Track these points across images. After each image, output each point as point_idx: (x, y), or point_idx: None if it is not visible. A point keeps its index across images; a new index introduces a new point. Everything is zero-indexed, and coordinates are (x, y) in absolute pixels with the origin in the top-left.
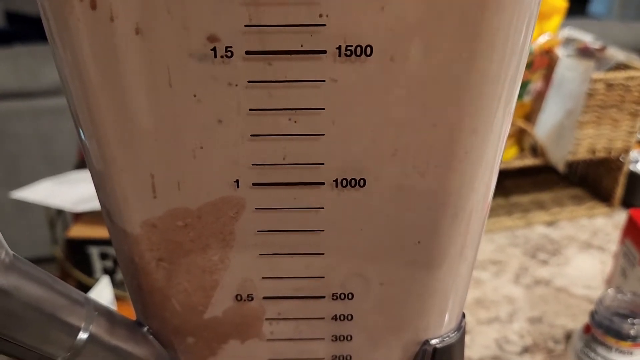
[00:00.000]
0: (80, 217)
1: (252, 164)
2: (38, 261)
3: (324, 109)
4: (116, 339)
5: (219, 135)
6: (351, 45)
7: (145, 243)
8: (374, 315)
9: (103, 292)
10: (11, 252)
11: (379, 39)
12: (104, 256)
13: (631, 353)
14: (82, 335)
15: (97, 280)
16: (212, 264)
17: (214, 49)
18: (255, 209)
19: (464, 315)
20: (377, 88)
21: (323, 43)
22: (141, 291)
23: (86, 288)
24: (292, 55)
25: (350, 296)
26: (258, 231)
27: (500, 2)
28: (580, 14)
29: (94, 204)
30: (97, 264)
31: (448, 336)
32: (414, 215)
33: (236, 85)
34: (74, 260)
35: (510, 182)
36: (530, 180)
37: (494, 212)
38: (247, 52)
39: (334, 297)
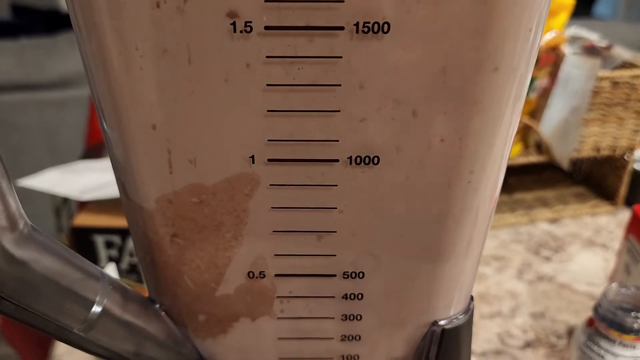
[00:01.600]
0: (85, 205)
1: (268, 140)
2: None
3: (340, 85)
4: (129, 314)
5: (235, 111)
6: (369, 22)
7: (160, 218)
8: (384, 295)
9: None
10: (30, 223)
11: (396, 16)
12: (109, 245)
13: (634, 346)
14: (96, 309)
15: (102, 268)
16: (226, 240)
17: (234, 24)
18: (270, 185)
19: (472, 298)
20: (393, 66)
21: (340, 19)
22: (154, 267)
23: None
24: (310, 31)
25: (361, 275)
26: (272, 208)
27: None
28: (586, 15)
29: (100, 193)
30: (103, 253)
31: (456, 318)
32: (424, 200)
33: (254, 60)
34: (79, 249)
35: (514, 179)
36: (534, 178)
37: (497, 208)
38: (266, 27)
39: (345, 276)
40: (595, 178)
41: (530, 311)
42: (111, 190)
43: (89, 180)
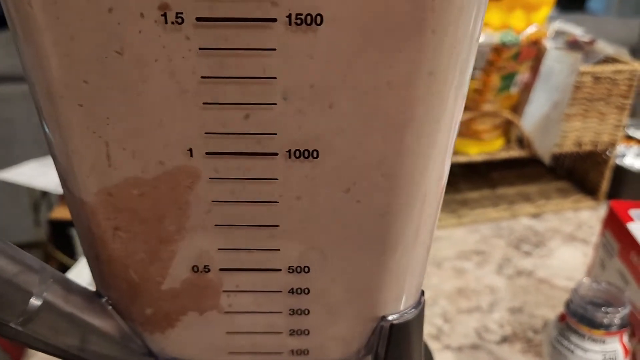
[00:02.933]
0: (64, 199)
1: (205, 133)
2: (20, 246)
3: (275, 77)
4: (72, 307)
5: (172, 103)
6: (301, 14)
7: (102, 212)
8: (331, 290)
9: (82, 272)
10: None
11: (329, 9)
12: None
13: (604, 341)
14: (35, 302)
15: (77, 261)
16: (169, 234)
17: (165, 15)
18: (210, 178)
19: (422, 293)
20: (327, 58)
21: (274, 11)
22: (99, 261)
23: (68, 269)
24: (243, 22)
25: (306, 269)
26: (213, 201)
27: None
28: (579, 10)
29: None
30: (79, 246)
31: (406, 312)
32: (366, 193)
33: (187, 52)
34: (57, 242)
35: (497, 173)
36: (517, 172)
37: (479, 203)
38: (198, 19)
39: (290, 270)
40: (577, 173)
41: (509, 306)
42: None
43: None
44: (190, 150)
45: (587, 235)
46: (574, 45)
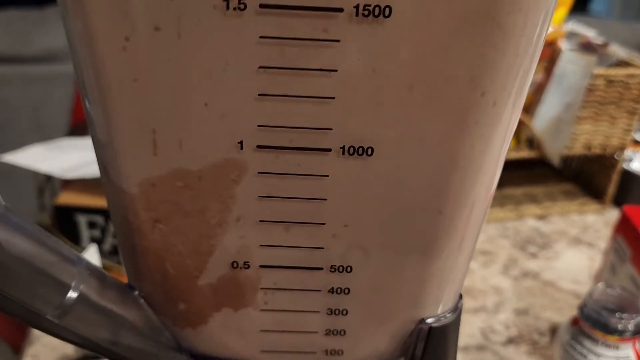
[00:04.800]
0: (69, 184)
1: (258, 125)
2: None
3: (336, 70)
4: (106, 301)
5: (226, 92)
6: (369, 5)
7: (143, 202)
8: (371, 291)
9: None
10: (3, 203)
11: (399, 1)
12: (92, 225)
13: (617, 347)
14: (72, 294)
15: (84, 249)
16: (210, 227)
17: (227, 1)
18: (258, 173)
19: (461, 297)
20: (390, 54)
21: (340, 0)
22: (134, 253)
23: None
24: (308, 11)
25: (348, 269)
26: (259, 196)
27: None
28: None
29: (84, 172)
30: (85, 233)
31: (444, 316)
32: (415, 196)
33: (247, 40)
34: (62, 228)
35: (504, 174)
36: (524, 173)
37: None
38: (261, 6)
39: (332, 269)
40: (584, 176)
41: (514, 307)
42: (96, 169)
43: (73, 158)
44: (241, 142)
45: (593, 238)
46: (587, 47)
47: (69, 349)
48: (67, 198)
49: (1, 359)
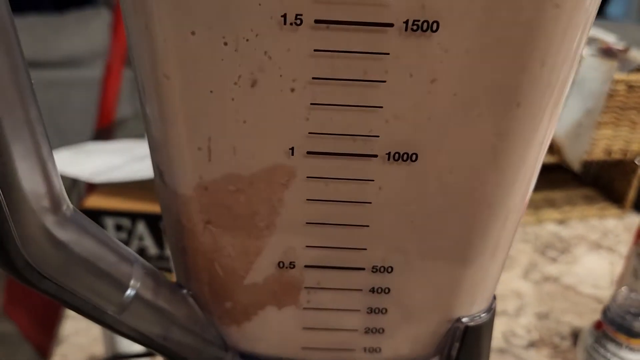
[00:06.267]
0: (95, 188)
1: (309, 133)
2: None
3: (384, 81)
4: (159, 299)
5: (279, 101)
6: (418, 20)
7: (195, 205)
8: (410, 291)
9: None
10: (72, 206)
11: (447, 15)
12: (119, 227)
13: None
14: (130, 292)
15: None
16: (258, 230)
17: (284, 16)
18: (307, 177)
19: (494, 298)
20: (437, 66)
21: (389, 16)
22: (185, 254)
23: None
24: (359, 26)
25: (389, 270)
26: (307, 200)
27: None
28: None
29: (112, 175)
30: (112, 236)
31: (479, 316)
32: (455, 202)
33: (302, 52)
34: None
35: None
36: (543, 178)
37: None
38: (316, 21)
39: (374, 270)
40: (604, 181)
41: (535, 311)
42: (122, 172)
43: (100, 162)
44: (292, 149)
45: (613, 243)
46: (607, 52)
47: (97, 349)
48: (94, 201)
49: (24, 359)
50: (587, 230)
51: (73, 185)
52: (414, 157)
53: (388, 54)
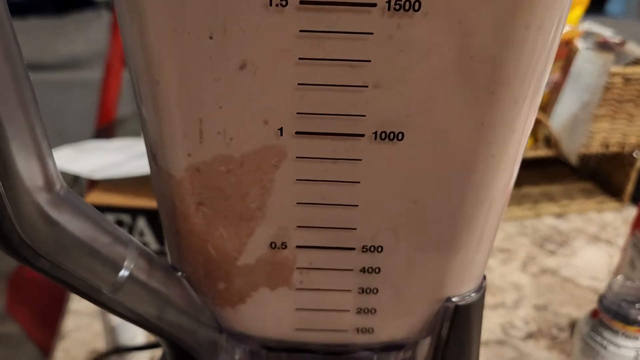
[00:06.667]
0: (96, 184)
1: (297, 113)
2: None
3: (370, 61)
4: (153, 280)
5: (267, 83)
6: (400, 0)
7: (188, 187)
8: (400, 270)
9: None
10: (65, 186)
11: None
12: (119, 224)
13: (637, 338)
14: (124, 273)
15: None
16: (250, 211)
17: None
18: (296, 157)
19: (484, 277)
20: (420, 43)
21: None
22: (179, 235)
23: None
24: (343, 6)
25: (379, 249)
26: (297, 180)
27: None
28: (598, 12)
29: (112, 172)
30: None
31: (469, 295)
32: (441, 182)
33: (288, 34)
34: None
35: (521, 172)
36: (541, 172)
37: None
38: (302, 2)
39: (364, 250)
40: (602, 174)
41: (533, 303)
42: (123, 169)
43: (101, 159)
44: (281, 129)
45: (612, 236)
46: (604, 46)
47: (99, 344)
48: (95, 197)
49: (27, 358)
50: (585, 224)
51: (75, 182)
52: (400, 136)
53: (372, 33)
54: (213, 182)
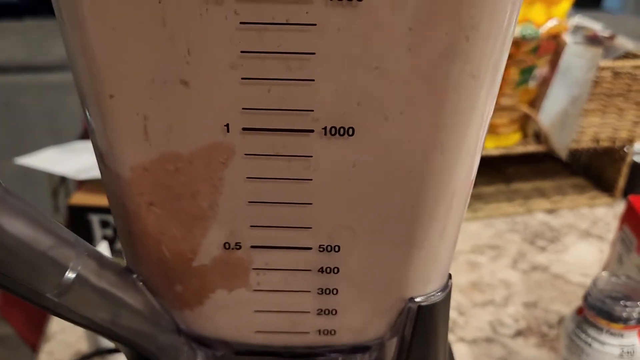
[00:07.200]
0: (82, 185)
1: (243, 108)
2: None
3: (314, 53)
4: (104, 282)
5: (210, 77)
6: None
7: (137, 187)
8: (360, 270)
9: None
10: (2, 185)
11: None
12: (104, 224)
13: (622, 335)
14: (70, 275)
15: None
16: (202, 210)
17: None
18: (245, 155)
19: (450, 276)
20: (365, 36)
21: None
22: (131, 236)
23: None
24: None
25: (336, 248)
26: (247, 178)
27: None
28: (594, 8)
29: (96, 173)
30: (98, 232)
31: (433, 295)
32: (397, 177)
33: (228, 26)
34: (75, 228)
35: (512, 168)
36: (532, 168)
37: (494, 197)
38: None
39: (321, 249)
40: (593, 169)
41: (523, 300)
42: None
43: (86, 160)
44: (227, 125)
45: (603, 232)
46: (593, 40)
47: (83, 345)
48: (80, 198)
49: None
50: (577, 219)
51: (61, 183)
52: (350, 132)
53: (315, 24)
54: (162, 181)
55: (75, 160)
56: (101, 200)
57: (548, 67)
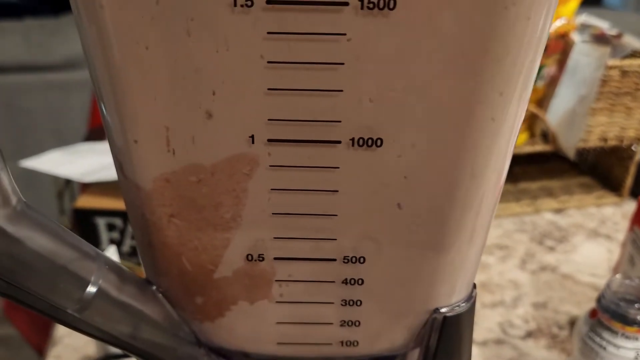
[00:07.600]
0: (88, 188)
1: (268, 120)
2: None
3: (343, 64)
4: (125, 296)
5: (236, 88)
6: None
7: (158, 198)
8: (385, 281)
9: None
10: (23, 200)
11: None
12: (110, 227)
13: (637, 338)
14: (91, 289)
15: (103, 251)
16: (224, 221)
17: None
18: (270, 166)
19: (474, 286)
20: (397, 45)
21: None
22: (151, 248)
23: None
24: (314, 6)
25: (361, 260)
26: (271, 189)
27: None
28: (596, 4)
29: (102, 175)
30: (104, 235)
31: (458, 305)
32: (425, 187)
33: (255, 36)
34: (81, 231)
35: (520, 168)
36: (540, 167)
37: (502, 197)
38: (268, 2)
39: (345, 261)
40: (601, 169)
41: (533, 301)
42: (113, 172)
43: (91, 162)
44: (252, 137)
45: (611, 231)
46: (600, 39)
47: (91, 350)
48: (86, 201)
49: None
50: (585, 219)
51: (66, 185)
52: (379, 143)
53: (345, 34)
54: (184, 192)
55: (80, 162)
56: (107, 203)
57: (556, 66)
